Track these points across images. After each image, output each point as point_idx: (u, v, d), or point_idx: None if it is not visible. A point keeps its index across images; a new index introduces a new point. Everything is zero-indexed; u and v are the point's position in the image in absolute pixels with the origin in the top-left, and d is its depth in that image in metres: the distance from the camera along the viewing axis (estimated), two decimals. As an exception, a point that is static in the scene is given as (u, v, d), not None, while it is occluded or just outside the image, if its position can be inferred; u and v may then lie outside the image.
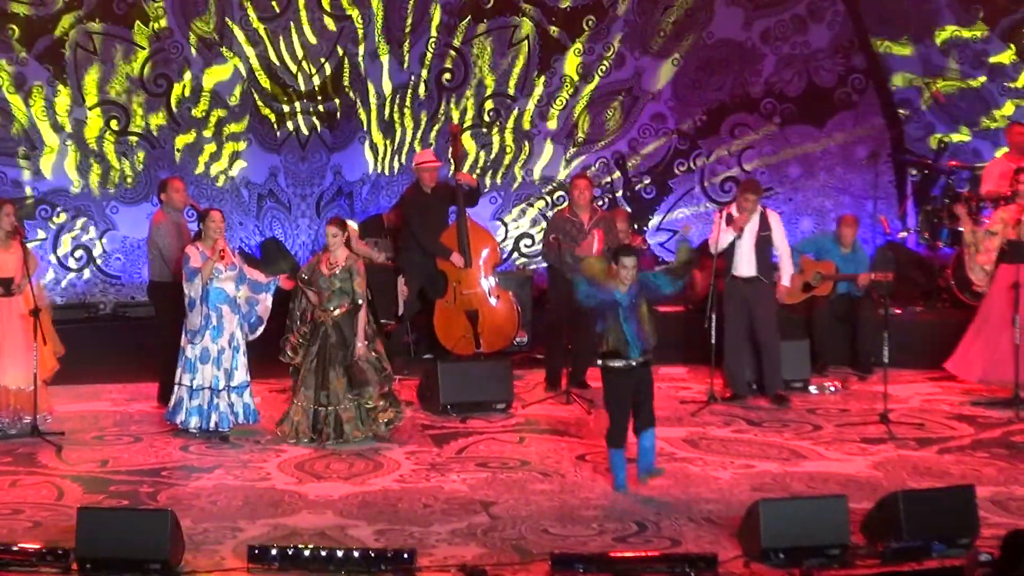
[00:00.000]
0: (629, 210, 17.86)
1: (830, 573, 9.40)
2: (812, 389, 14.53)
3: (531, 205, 18.35)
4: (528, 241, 18.24)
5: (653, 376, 11.40)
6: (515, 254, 18.28)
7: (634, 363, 11.05)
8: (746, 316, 14.03)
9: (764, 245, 14.01)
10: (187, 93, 17.46)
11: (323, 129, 17.91)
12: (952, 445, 12.63)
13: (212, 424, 12.70)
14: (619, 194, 18.38)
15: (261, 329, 12.98)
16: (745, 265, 14.00)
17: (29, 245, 13.43)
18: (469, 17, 18.06)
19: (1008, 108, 18.07)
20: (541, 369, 15.09)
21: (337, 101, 17.90)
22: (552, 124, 18.34)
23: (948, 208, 16.92)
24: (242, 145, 17.69)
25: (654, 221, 18.48)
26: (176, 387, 12.77)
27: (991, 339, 14.03)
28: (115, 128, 17.27)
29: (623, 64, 18.35)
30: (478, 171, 18.01)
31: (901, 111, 18.45)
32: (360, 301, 12.58)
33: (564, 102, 18.32)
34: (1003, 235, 13.91)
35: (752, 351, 14.20)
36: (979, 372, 14.22)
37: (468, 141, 18.04)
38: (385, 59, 17.95)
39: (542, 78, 18.26)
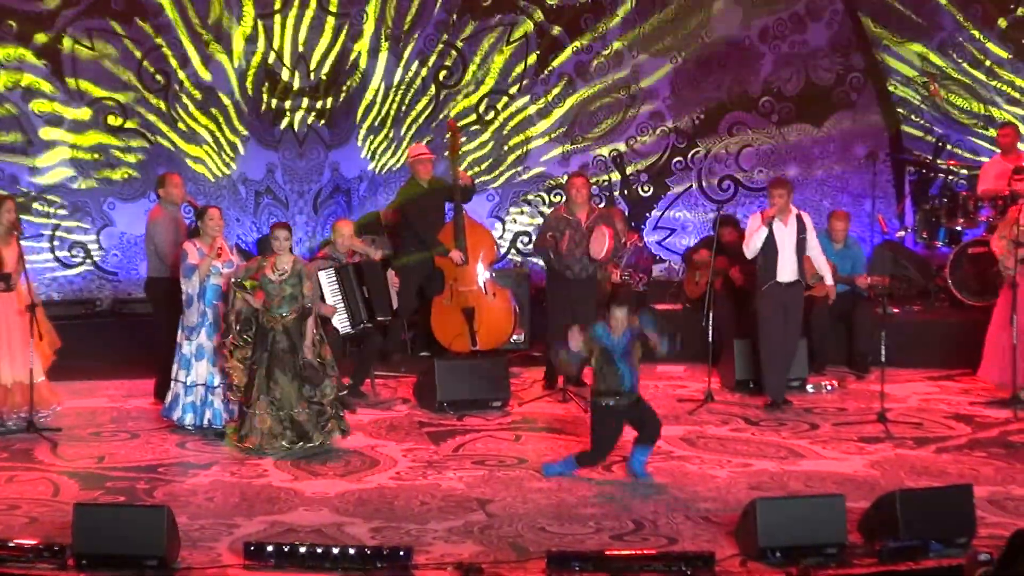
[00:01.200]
0: (625, 208, 17.89)
1: (827, 572, 9.39)
2: (809, 388, 14.51)
3: (529, 203, 18.35)
4: (526, 239, 18.23)
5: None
6: (513, 252, 18.28)
7: (627, 401, 11.23)
8: (783, 320, 13.82)
9: (803, 248, 13.78)
10: (185, 89, 17.44)
11: (321, 126, 17.91)
12: (949, 444, 12.62)
13: (206, 421, 12.70)
14: (616, 192, 18.40)
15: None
16: (788, 270, 13.70)
17: (24, 242, 13.37)
18: (468, 15, 18.06)
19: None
20: (538, 367, 15.09)
21: (335, 98, 17.89)
22: (550, 122, 18.34)
23: (946, 207, 16.91)
24: (240, 142, 17.68)
25: (651, 219, 18.48)
26: (172, 383, 12.76)
27: (992, 339, 14.01)
28: (113, 124, 17.26)
29: (621, 62, 18.35)
30: (476, 169, 18.01)
31: (900, 110, 18.47)
32: (309, 305, 12.28)
33: (562, 99, 18.32)
34: (1009, 235, 13.88)
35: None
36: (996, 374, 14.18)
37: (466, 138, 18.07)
38: (383, 56, 17.94)
39: (540, 76, 18.26)
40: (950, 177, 17.42)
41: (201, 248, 12.66)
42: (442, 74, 18.14)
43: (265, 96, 17.72)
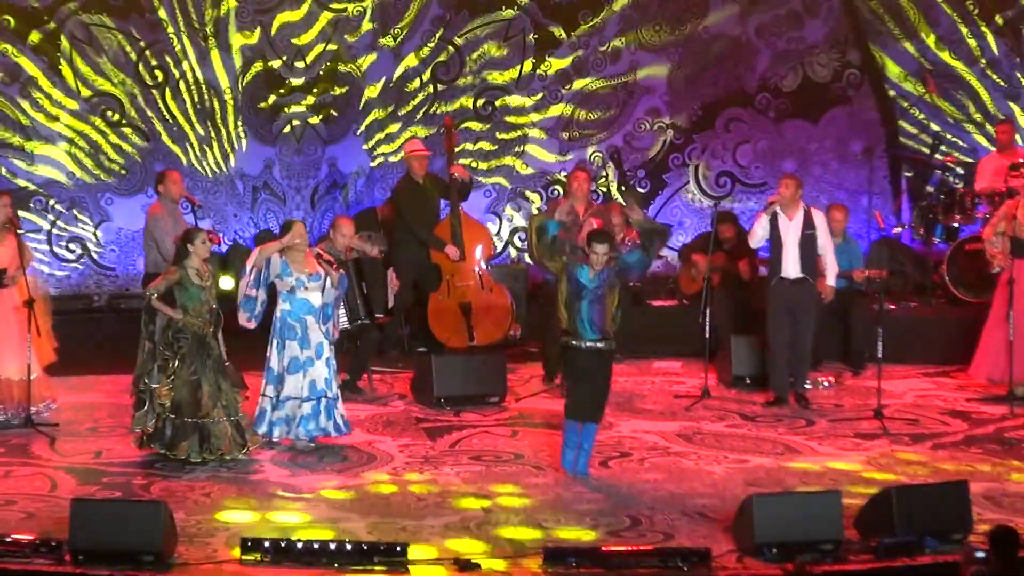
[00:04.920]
0: (623, 204, 17.88)
1: (823, 568, 9.41)
2: (806, 384, 14.50)
3: (526, 199, 18.35)
4: (523, 235, 18.22)
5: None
6: (510, 247, 18.28)
7: (591, 345, 11.15)
8: (790, 317, 13.73)
9: (809, 244, 13.64)
10: (182, 85, 17.44)
11: (318, 122, 17.90)
12: (946, 441, 12.64)
13: (298, 434, 12.12)
14: (614, 188, 18.41)
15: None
16: (792, 266, 13.62)
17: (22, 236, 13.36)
18: (465, 10, 18.06)
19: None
20: (535, 363, 15.10)
21: (332, 93, 17.89)
22: (546, 118, 18.34)
23: (943, 203, 16.92)
24: (237, 137, 17.68)
25: (648, 215, 18.49)
26: (260, 397, 12.25)
27: (991, 335, 14.02)
28: (110, 119, 17.26)
29: (618, 58, 18.35)
30: (473, 163, 18.02)
31: (897, 105, 18.47)
32: (216, 307, 11.90)
33: (559, 95, 18.32)
34: (1007, 231, 13.90)
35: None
36: (986, 370, 14.20)
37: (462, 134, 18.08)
38: (380, 51, 17.94)
39: (537, 71, 18.25)
40: (947, 173, 17.43)
41: (285, 261, 12.07)
42: (439, 69, 18.14)
43: (262, 92, 17.71)
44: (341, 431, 12.25)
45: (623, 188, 15.61)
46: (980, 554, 8.65)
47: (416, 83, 18.06)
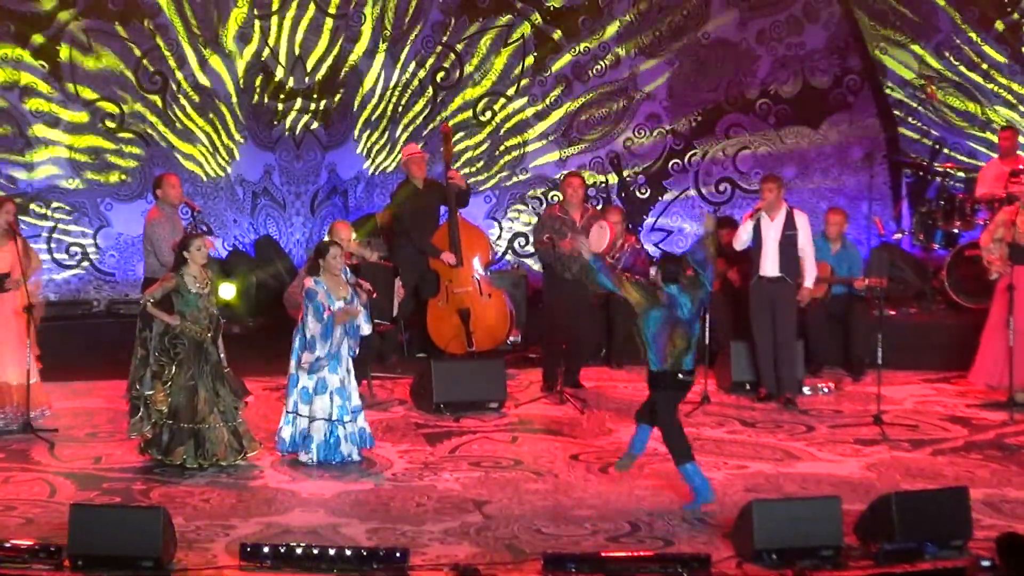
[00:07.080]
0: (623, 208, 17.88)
1: (823, 574, 9.41)
2: (806, 390, 14.50)
3: (526, 204, 18.35)
4: (522, 240, 18.23)
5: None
6: (509, 253, 18.28)
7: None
8: (770, 316, 13.91)
9: (789, 245, 13.82)
10: (182, 90, 17.44)
11: (318, 127, 17.91)
12: (945, 447, 12.63)
13: (342, 454, 11.98)
14: (614, 195, 18.41)
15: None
16: (770, 265, 13.83)
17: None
18: (465, 16, 18.07)
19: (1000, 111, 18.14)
20: (534, 368, 15.09)
21: (332, 99, 17.90)
22: (547, 124, 18.34)
23: (943, 210, 16.93)
24: (237, 142, 17.69)
25: (648, 221, 18.48)
26: (292, 415, 12.06)
27: (990, 342, 14.03)
28: (110, 125, 17.26)
29: (618, 64, 18.35)
30: (472, 169, 18.03)
31: (897, 112, 18.47)
32: (217, 314, 11.90)
33: (559, 101, 18.33)
34: (1006, 238, 13.91)
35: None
36: (985, 376, 14.21)
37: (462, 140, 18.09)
38: (380, 57, 17.95)
39: (538, 78, 18.26)
40: (947, 180, 17.44)
41: (322, 282, 11.90)
42: (439, 75, 18.15)
43: (262, 97, 17.72)
44: (366, 443, 12.15)
45: None
46: (986, 562, 8.64)
47: (416, 88, 18.07)
